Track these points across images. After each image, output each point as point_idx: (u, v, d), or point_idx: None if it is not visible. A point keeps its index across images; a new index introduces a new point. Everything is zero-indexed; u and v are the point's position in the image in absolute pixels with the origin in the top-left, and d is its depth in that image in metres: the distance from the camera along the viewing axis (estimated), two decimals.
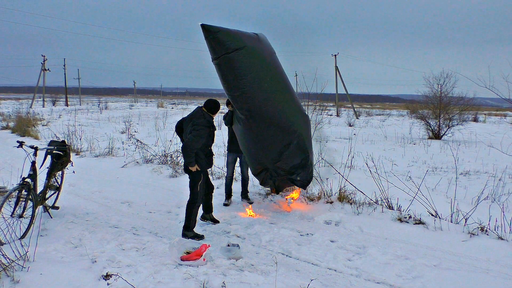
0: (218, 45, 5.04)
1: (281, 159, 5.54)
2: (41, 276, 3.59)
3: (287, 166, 5.62)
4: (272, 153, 5.53)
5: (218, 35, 5.00)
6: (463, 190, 7.09)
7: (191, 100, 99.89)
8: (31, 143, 5.38)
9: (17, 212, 4.55)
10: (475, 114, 32.04)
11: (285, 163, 5.59)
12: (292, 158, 5.55)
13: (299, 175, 5.69)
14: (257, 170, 5.86)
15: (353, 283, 3.76)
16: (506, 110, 65.17)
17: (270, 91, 5.31)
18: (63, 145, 5.47)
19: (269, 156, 5.57)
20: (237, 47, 5.05)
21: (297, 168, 5.66)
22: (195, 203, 4.89)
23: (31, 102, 44.13)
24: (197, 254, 3.96)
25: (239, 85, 5.15)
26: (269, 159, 5.60)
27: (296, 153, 5.53)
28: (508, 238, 4.72)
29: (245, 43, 5.16)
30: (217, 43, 5.03)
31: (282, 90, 5.53)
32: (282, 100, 5.48)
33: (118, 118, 24.90)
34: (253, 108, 5.25)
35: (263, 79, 5.24)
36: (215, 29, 4.99)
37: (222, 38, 5.01)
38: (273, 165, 5.64)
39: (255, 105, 5.24)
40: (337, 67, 41.79)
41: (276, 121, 5.35)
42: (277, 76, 5.51)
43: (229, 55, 5.04)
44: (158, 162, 9.42)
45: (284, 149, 5.48)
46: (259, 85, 5.21)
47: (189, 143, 4.72)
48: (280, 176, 5.75)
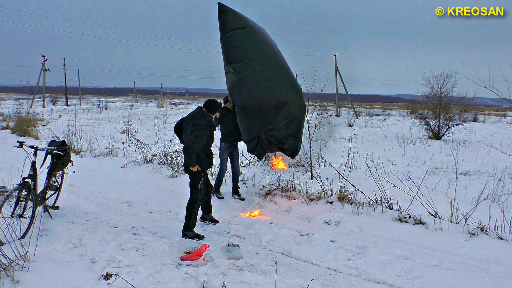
0: (226, 23, 5.96)
1: (275, 129, 6.18)
2: (41, 276, 3.59)
3: (280, 136, 6.26)
4: (267, 124, 6.15)
5: (229, 13, 5.97)
6: (463, 190, 7.10)
7: (191, 100, 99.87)
8: (31, 143, 5.38)
9: (17, 212, 4.55)
10: (475, 114, 32.03)
11: (279, 133, 6.23)
12: (286, 129, 6.20)
13: (289, 144, 6.37)
14: (249, 138, 6.35)
15: (353, 283, 3.77)
16: (506, 110, 65.17)
17: (266, 64, 6.07)
18: (63, 145, 5.47)
19: (265, 127, 6.18)
20: (243, 26, 6.00)
21: (288, 138, 6.32)
22: (196, 203, 4.89)
23: (31, 102, 44.13)
24: (197, 254, 3.96)
25: (241, 57, 5.95)
26: (264, 129, 6.20)
27: (289, 125, 6.17)
28: (508, 238, 4.72)
29: (251, 25, 6.09)
30: (228, 20, 5.96)
31: (277, 66, 6.21)
32: (276, 76, 6.15)
33: (118, 118, 24.90)
34: (249, 77, 5.96)
35: (261, 53, 6.05)
36: (228, 9, 5.98)
37: (232, 16, 5.98)
38: (266, 134, 6.25)
39: (253, 74, 5.97)
40: (337, 67, 41.79)
41: (269, 94, 6.01)
42: (274, 54, 6.25)
43: (237, 31, 5.95)
44: (158, 162, 9.42)
45: (279, 121, 6.12)
46: (258, 58, 6.02)
47: (190, 144, 4.72)
48: (272, 144, 6.36)
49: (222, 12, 5.93)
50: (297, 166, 8.61)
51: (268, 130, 6.17)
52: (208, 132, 4.84)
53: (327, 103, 34.76)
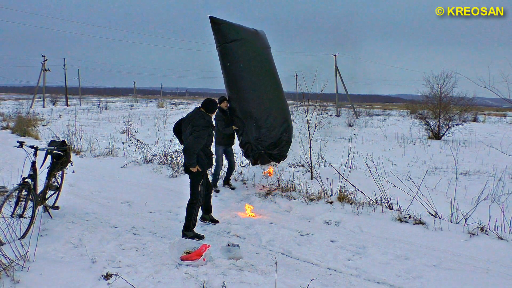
0: (221, 35, 6.28)
1: (260, 137, 6.57)
2: (41, 276, 3.59)
3: (265, 143, 6.63)
4: (254, 132, 6.58)
5: (221, 26, 6.26)
6: (463, 190, 7.10)
7: (191, 100, 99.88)
8: (31, 143, 5.38)
9: (17, 212, 4.55)
10: (475, 114, 32.03)
11: (263, 141, 6.61)
12: (267, 139, 6.58)
13: (272, 151, 6.73)
14: (243, 142, 6.88)
15: (353, 283, 3.77)
16: (506, 110, 65.17)
17: (258, 77, 6.40)
18: (63, 145, 5.47)
19: (252, 135, 6.63)
20: (235, 38, 6.27)
21: (271, 146, 6.67)
22: (196, 203, 4.90)
23: (31, 102, 44.12)
24: (197, 254, 3.96)
25: (233, 70, 6.33)
26: (252, 137, 6.64)
27: (269, 136, 6.56)
28: (508, 238, 4.72)
29: (243, 36, 6.36)
30: (221, 33, 6.27)
31: (268, 79, 6.61)
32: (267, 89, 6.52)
33: (118, 118, 24.90)
34: (241, 90, 6.36)
35: (252, 66, 6.38)
36: (220, 21, 6.26)
37: (225, 29, 6.26)
38: (254, 141, 6.65)
39: (243, 87, 6.35)
40: (337, 67, 41.79)
41: (256, 106, 6.39)
42: (266, 66, 6.63)
43: (228, 44, 6.27)
44: (158, 162, 9.42)
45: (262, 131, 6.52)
46: (249, 71, 6.34)
47: (191, 144, 4.72)
48: (259, 150, 6.71)
49: (216, 24, 6.25)
50: (297, 166, 8.62)
51: (255, 138, 6.60)
52: (207, 132, 4.84)
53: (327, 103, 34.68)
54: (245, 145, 6.85)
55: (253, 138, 6.61)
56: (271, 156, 6.79)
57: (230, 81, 6.46)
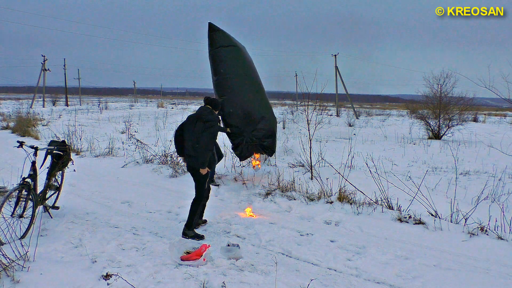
0: (215, 41, 7.01)
1: (256, 129, 6.97)
2: (41, 276, 3.59)
3: (260, 135, 7.03)
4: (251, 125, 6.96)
5: (217, 33, 7.04)
6: (463, 190, 7.10)
7: (191, 100, 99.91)
8: (31, 143, 5.37)
9: (17, 212, 4.55)
10: (475, 114, 32.04)
11: (259, 132, 7.01)
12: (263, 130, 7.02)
13: (267, 142, 7.14)
14: (236, 144, 7.16)
15: (353, 283, 3.77)
16: (506, 110, 65.17)
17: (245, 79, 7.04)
18: (63, 145, 5.47)
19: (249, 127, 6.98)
20: (228, 44, 7.06)
21: (266, 137, 7.10)
22: (201, 201, 4.96)
23: (31, 102, 44.13)
24: (197, 254, 3.96)
25: (224, 72, 6.96)
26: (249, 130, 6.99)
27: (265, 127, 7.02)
28: (508, 238, 4.72)
29: (235, 43, 7.18)
30: (215, 39, 7.01)
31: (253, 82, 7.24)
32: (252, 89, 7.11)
33: (118, 118, 24.90)
34: (229, 90, 6.91)
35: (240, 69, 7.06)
36: (216, 28, 7.05)
37: (220, 36, 7.04)
38: (250, 133, 7.00)
39: (232, 87, 6.93)
40: (337, 67, 41.80)
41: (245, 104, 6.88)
42: (251, 71, 7.31)
43: (223, 48, 6.99)
44: (158, 162, 9.42)
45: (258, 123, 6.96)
46: (237, 73, 6.99)
47: (207, 141, 4.72)
48: (253, 142, 7.06)
49: (212, 30, 7.00)
50: (297, 166, 8.62)
51: (252, 130, 7.00)
52: (219, 127, 4.94)
53: (327, 103, 34.63)
54: (238, 146, 7.14)
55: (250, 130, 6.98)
56: (263, 147, 7.24)
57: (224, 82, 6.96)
